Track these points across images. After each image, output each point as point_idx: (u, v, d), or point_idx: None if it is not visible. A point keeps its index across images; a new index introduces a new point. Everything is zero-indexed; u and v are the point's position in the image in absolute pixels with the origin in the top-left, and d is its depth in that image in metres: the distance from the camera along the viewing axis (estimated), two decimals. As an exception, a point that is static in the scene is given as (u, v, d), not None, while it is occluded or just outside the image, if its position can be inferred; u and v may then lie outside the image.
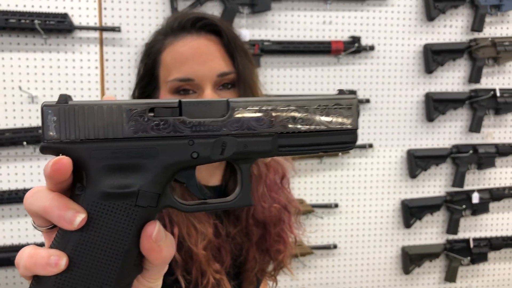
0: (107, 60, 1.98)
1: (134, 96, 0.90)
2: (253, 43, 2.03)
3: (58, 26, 1.88)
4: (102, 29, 1.95)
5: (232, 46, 0.82)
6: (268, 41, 2.07)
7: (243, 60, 0.83)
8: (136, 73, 0.91)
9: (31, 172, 1.95)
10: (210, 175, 0.96)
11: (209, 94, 0.79)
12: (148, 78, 0.86)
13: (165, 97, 0.81)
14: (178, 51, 0.78)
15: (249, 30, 2.06)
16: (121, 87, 2.01)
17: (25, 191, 1.92)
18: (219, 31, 0.81)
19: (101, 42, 1.97)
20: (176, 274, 0.87)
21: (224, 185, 0.97)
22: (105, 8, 1.96)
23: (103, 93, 1.99)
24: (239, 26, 2.04)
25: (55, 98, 1.79)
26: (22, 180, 1.95)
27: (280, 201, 0.98)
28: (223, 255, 0.90)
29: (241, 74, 0.82)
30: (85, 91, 1.97)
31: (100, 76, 1.98)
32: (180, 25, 0.80)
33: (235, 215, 0.95)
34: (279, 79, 2.13)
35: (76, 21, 1.92)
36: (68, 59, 1.95)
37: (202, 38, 0.79)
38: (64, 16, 1.89)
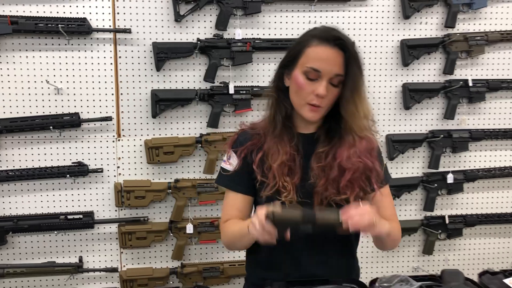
0: (120, 57, 2.32)
1: (282, 62, 1.35)
2: (245, 41, 2.33)
3: (78, 29, 2.22)
4: (115, 31, 2.28)
5: (350, 60, 1.25)
6: (259, 39, 2.36)
7: (355, 70, 1.26)
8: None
9: (57, 152, 2.32)
10: (305, 125, 1.36)
11: (323, 84, 1.25)
12: (291, 57, 1.31)
13: (298, 73, 1.28)
14: (319, 52, 1.25)
15: (242, 29, 2.35)
16: (132, 80, 2.34)
17: (52, 168, 2.28)
18: (345, 48, 1.25)
19: (115, 42, 2.31)
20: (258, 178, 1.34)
21: (317, 134, 1.36)
22: (117, 13, 2.29)
23: (117, 86, 2.33)
24: (234, 26, 2.34)
25: (77, 90, 2.21)
26: (50, 159, 2.32)
27: (366, 162, 1.31)
28: (295, 173, 1.31)
29: (350, 78, 1.26)
30: (102, 84, 2.32)
31: (114, 71, 2.32)
32: (326, 37, 1.26)
33: (318, 157, 1.32)
34: (269, 73, 2.41)
35: (93, 24, 2.26)
36: (87, 57, 2.29)
37: (334, 50, 1.25)
38: (83, 20, 2.23)
